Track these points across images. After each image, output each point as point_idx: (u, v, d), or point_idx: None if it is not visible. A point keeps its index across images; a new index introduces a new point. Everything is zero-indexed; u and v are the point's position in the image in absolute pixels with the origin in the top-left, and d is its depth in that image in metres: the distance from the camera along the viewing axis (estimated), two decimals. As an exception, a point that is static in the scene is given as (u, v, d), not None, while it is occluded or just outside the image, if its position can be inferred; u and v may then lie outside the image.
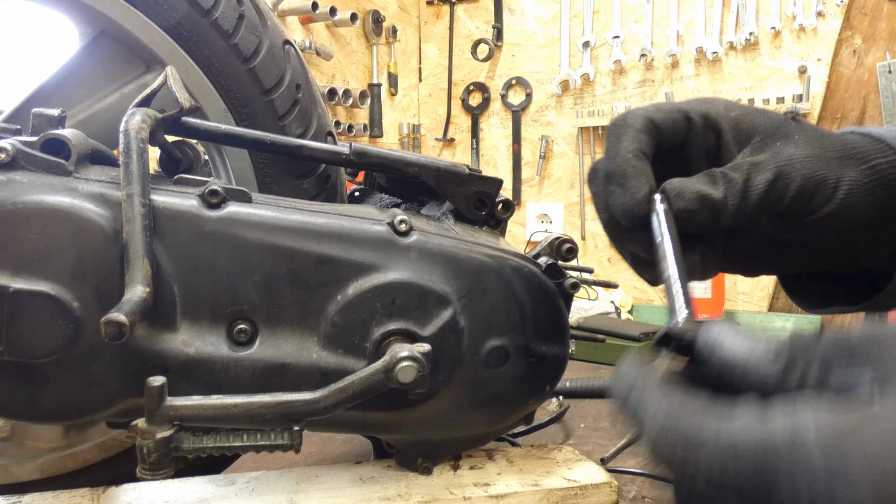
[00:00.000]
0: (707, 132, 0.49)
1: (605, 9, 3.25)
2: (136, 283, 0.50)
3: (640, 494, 0.84)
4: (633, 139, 0.47)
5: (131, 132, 0.54)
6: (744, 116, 0.50)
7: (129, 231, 0.52)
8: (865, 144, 0.49)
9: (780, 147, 0.48)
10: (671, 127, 0.48)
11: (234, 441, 0.54)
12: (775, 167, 0.46)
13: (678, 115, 0.48)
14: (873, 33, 2.71)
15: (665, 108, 0.48)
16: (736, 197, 0.46)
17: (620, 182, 0.46)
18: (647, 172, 0.46)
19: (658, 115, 0.48)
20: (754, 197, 0.46)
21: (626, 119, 0.48)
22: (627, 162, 0.46)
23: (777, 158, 0.47)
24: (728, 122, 0.49)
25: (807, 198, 0.46)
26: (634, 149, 0.46)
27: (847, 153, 0.48)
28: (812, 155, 0.47)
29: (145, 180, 0.53)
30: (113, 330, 0.46)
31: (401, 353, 0.55)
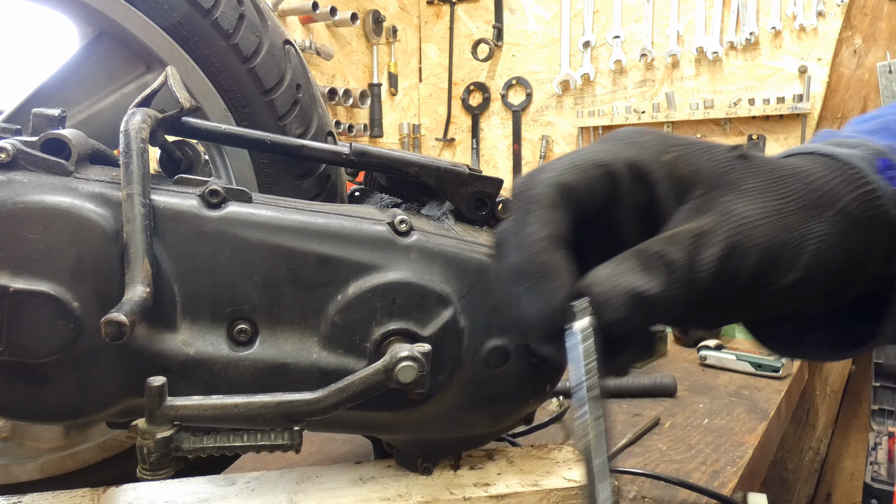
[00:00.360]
0: (637, 187, 0.39)
1: (605, 9, 3.25)
2: (137, 283, 0.50)
3: (640, 494, 0.84)
4: (544, 221, 0.36)
5: (131, 132, 0.54)
6: (680, 160, 0.39)
7: (130, 231, 0.52)
8: (829, 177, 0.41)
9: (729, 204, 0.38)
10: (590, 191, 0.38)
11: (234, 441, 0.54)
12: (726, 238, 0.37)
13: (597, 171, 0.38)
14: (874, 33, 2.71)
15: (581, 165, 0.38)
16: (679, 287, 0.36)
17: (529, 285, 0.36)
18: (562, 269, 0.36)
19: (573, 178, 0.37)
20: (702, 283, 0.36)
21: (531, 189, 0.37)
22: (537, 257, 0.36)
23: (727, 224, 0.37)
24: (662, 169, 0.39)
25: (766, 270, 0.38)
26: (545, 235, 0.36)
27: (811, 199, 0.39)
28: (770, 213, 0.38)
29: (145, 180, 0.53)
30: (113, 330, 0.46)
31: (401, 353, 0.55)
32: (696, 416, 1.20)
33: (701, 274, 0.36)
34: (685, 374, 1.49)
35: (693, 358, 1.63)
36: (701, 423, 1.16)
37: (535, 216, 0.36)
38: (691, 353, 1.68)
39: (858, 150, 0.43)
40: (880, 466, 1.87)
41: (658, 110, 3.13)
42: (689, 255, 0.36)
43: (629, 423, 1.14)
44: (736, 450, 1.03)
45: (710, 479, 0.91)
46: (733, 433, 1.11)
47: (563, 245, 0.36)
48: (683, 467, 0.95)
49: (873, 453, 1.94)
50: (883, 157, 0.42)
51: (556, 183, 0.37)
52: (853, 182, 0.41)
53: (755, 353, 1.55)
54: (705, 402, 1.28)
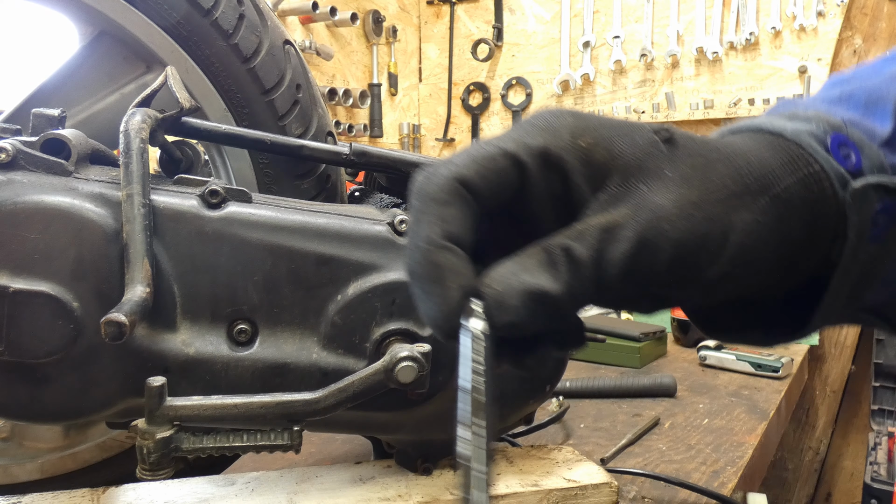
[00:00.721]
0: (549, 175, 0.35)
1: (605, 9, 3.25)
2: (137, 283, 0.50)
3: (640, 494, 0.84)
4: (436, 220, 0.33)
5: (131, 132, 0.54)
6: (597, 146, 0.36)
7: (130, 231, 0.52)
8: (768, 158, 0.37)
9: (645, 194, 0.35)
10: (493, 184, 0.34)
11: (234, 441, 0.54)
12: (636, 233, 0.34)
13: (503, 162, 0.34)
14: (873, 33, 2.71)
15: (483, 156, 0.35)
16: (583, 285, 0.33)
17: (422, 287, 0.34)
18: (456, 269, 0.33)
19: (472, 171, 0.34)
20: (610, 280, 0.34)
21: (427, 185, 0.34)
22: (427, 258, 0.33)
23: (639, 217, 0.34)
24: (576, 156, 0.35)
25: (685, 265, 0.35)
26: (438, 234, 0.33)
27: (741, 186, 0.36)
28: (689, 203, 0.34)
29: (145, 180, 0.53)
30: (113, 330, 0.46)
31: (401, 353, 0.55)
32: (695, 416, 1.20)
33: (608, 271, 0.34)
34: (685, 374, 1.49)
35: (693, 358, 1.63)
36: (701, 423, 1.16)
37: (429, 215, 0.34)
38: (691, 353, 1.68)
39: (812, 124, 0.39)
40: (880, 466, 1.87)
41: (658, 110, 3.13)
42: (595, 250, 0.33)
43: (629, 423, 1.14)
44: (736, 450, 1.03)
45: (710, 479, 0.91)
46: (733, 433, 1.11)
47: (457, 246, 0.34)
48: (683, 467, 0.95)
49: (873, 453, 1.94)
50: (837, 132, 0.39)
51: (453, 178, 0.34)
52: (796, 162, 0.37)
53: (755, 353, 1.55)
54: (705, 402, 1.28)
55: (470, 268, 0.34)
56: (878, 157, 0.39)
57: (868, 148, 0.39)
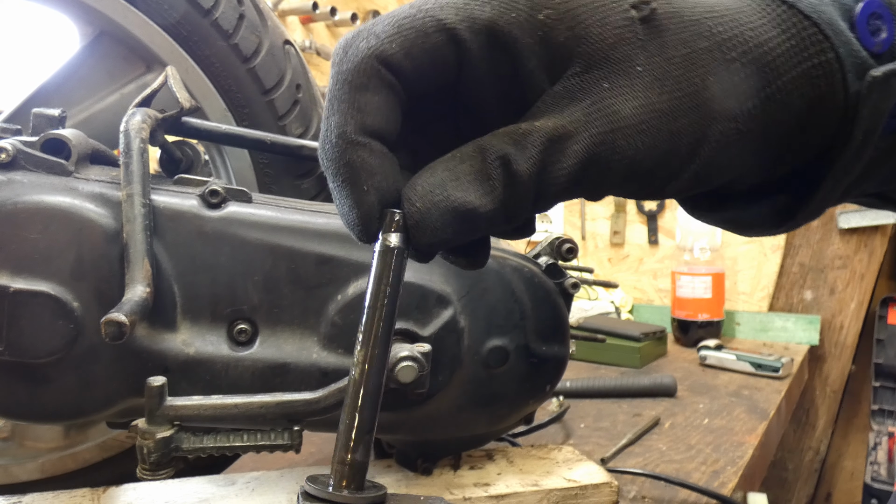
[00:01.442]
0: (496, 56, 0.28)
1: (605, 9, 3.25)
2: (137, 283, 0.50)
3: (640, 494, 0.84)
4: (351, 109, 0.28)
5: (131, 132, 0.54)
6: (560, 22, 0.28)
7: (130, 231, 0.52)
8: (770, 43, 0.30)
9: (605, 94, 0.28)
10: (424, 64, 0.28)
11: (234, 441, 0.54)
12: (586, 148, 0.28)
13: (437, 38, 0.27)
14: (873, 33, 2.70)
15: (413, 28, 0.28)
16: (517, 204, 0.29)
17: (336, 188, 0.29)
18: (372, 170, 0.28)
19: (397, 49, 0.27)
20: (548, 197, 0.29)
21: (343, 64, 0.28)
22: (336, 153, 0.28)
23: (592, 126, 0.28)
24: (530, 34, 0.28)
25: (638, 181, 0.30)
26: (353, 128, 0.28)
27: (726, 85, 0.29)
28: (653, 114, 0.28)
29: (145, 180, 0.53)
30: (113, 330, 0.46)
31: (401, 353, 0.55)
32: (696, 416, 1.20)
33: (549, 189, 0.29)
34: (685, 374, 1.49)
35: (693, 358, 1.63)
36: (701, 423, 1.16)
37: (343, 103, 0.28)
38: (691, 353, 1.68)
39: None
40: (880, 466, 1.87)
41: (658, 110, 3.13)
42: (537, 164, 0.28)
43: (629, 423, 1.14)
44: (736, 450, 1.03)
45: (710, 479, 0.91)
46: (733, 433, 1.11)
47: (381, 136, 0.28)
48: (683, 467, 0.95)
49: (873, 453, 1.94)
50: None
51: (374, 56, 0.27)
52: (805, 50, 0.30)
53: (755, 353, 1.55)
54: (705, 402, 1.28)
55: (391, 167, 0.29)
56: None
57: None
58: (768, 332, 1.95)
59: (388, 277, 0.30)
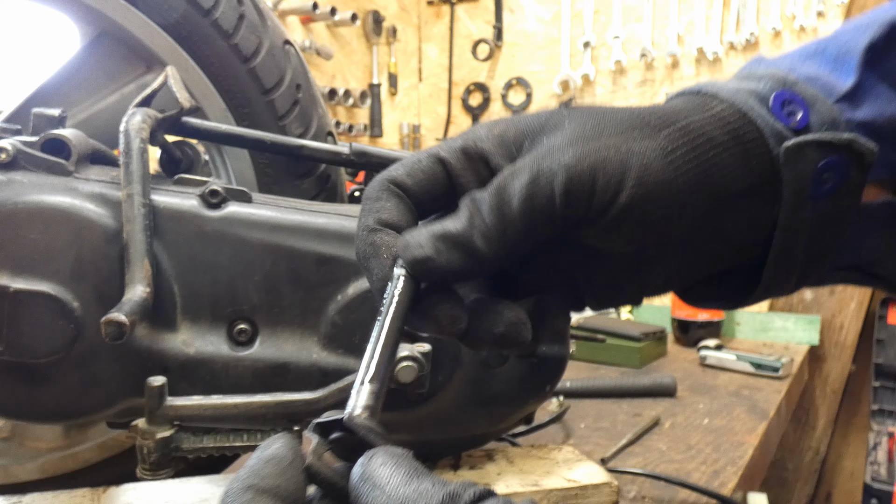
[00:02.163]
0: (473, 164, 0.39)
1: (605, 9, 3.25)
2: (137, 283, 0.50)
3: (640, 494, 0.84)
4: (371, 211, 0.38)
5: (131, 132, 0.54)
6: (509, 127, 0.39)
7: (130, 231, 0.52)
8: (680, 105, 0.38)
9: (544, 141, 0.37)
10: (421, 180, 0.38)
11: (234, 441, 0.54)
12: (531, 167, 0.36)
13: (427, 162, 0.39)
14: (873, 33, 2.70)
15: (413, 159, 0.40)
16: (487, 219, 0.35)
17: (364, 264, 0.38)
18: (388, 244, 0.37)
19: (401, 172, 0.39)
20: (512, 212, 0.35)
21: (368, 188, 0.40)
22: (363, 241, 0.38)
23: (534, 156, 0.36)
24: (492, 142, 0.39)
25: (582, 192, 0.35)
26: (371, 223, 0.38)
27: (639, 121, 0.37)
28: (580, 136, 0.36)
29: (145, 180, 0.53)
30: (113, 330, 0.46)
31: (401, 353, 0.55)
32: (696, 416, 1.20)
33: (509, 204, 0.35)
34: (685, 374, 1.49)
35: (693, 358, 1.63)
36: (701, 423, 1.16)
37: (366, 210, 0.39)
38: (691, 353, 1.68)
39: (760, 82, 0.39)
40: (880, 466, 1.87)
41: (658, 110, 3.13)
42: (496, 189, 0.36)
43: (629, 423, 1.14)
44: (736, 450, 1.03)
45: (710, 479, 0.91)
46: (733, 433, 1.11)
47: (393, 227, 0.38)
48: (683, 467, 0.95)
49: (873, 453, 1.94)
50: (784, 89, 0.38)
51: (382, 179, 0.39)
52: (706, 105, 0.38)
53: (755, 353, 1.55)
54: (705, 402, 1.28)
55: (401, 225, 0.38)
56: (831, 114, 0.38)
57: (821, 104, 0.38)
58: (768, 332, 1.95)
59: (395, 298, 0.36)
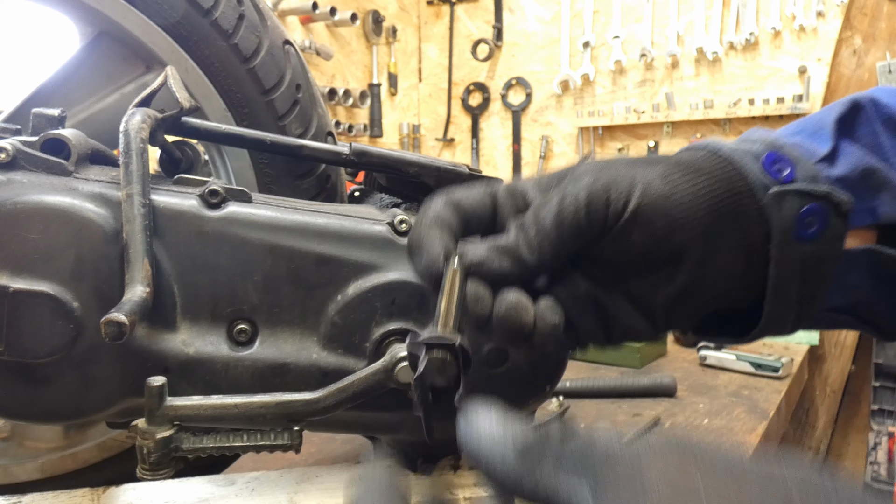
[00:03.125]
0: (514, 199, 0.48)
1: (605, 9, 3.25)
2: (136, 283, 0.50)
3: (640, 494, 0.84)
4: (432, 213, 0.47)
5: (131, 132, 0.54)
6: (542, 176, 0.49)
7: (130, 231, 0.52)
8: (678, 154, 0.48)
9: (568, 177, 0.47)
10: (472, 199, 0.48)
11: (234, 441, 0.54)
12: (560, 192, 0.45)
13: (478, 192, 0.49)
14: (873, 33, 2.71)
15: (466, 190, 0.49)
16: (528, 229, 0.45)
17: (416, 248, 0.46)
18: (442, 236, 0.45)
19: (459, 195, 0.48)
20: (547, 226, 0.44)
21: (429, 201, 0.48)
22: (423, 230, 0.46)
23: (561, 186, 0.46)
24: (530, 183, 0.49)
25: (600, 203, 0.44)
26: (432, 218, 0.46)
27: (642, 160, 0.47)
28: (594, 168, 0.46)
29: (145, 180, 0.53)
30: (113, 330, 0.46)
31: (401, 353, 0.55)
32: (696, 416, 1.20)
33: (545, 221, 0.45)
34: (685, 374, 1.49)
35: (693, 358, 1.63)
36: (701, 423, 1.16)
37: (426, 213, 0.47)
38: (691, 353, 1.68)
39: (756, 144, 0.47)
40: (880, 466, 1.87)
41: (658, 110, 3.13)
42: (535, 211, 0.46)
43: (629, 423, 1.14)
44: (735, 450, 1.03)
45: (710, 479, 0.91)
46: (733, 433, 1.11)
47: (446, 226, 0.46)
48: (683, 467, 0.95)
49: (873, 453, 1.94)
50: (774, 150, 0.47)
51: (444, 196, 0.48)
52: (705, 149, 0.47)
53: (755, 354, 1.55)
54: (705, 402, 1.28)
55: (451, 240, 0.46)
56: (813, 171, 0.46)
57: (804, 163, 0.46)
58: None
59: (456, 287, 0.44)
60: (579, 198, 0.44)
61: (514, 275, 0.45)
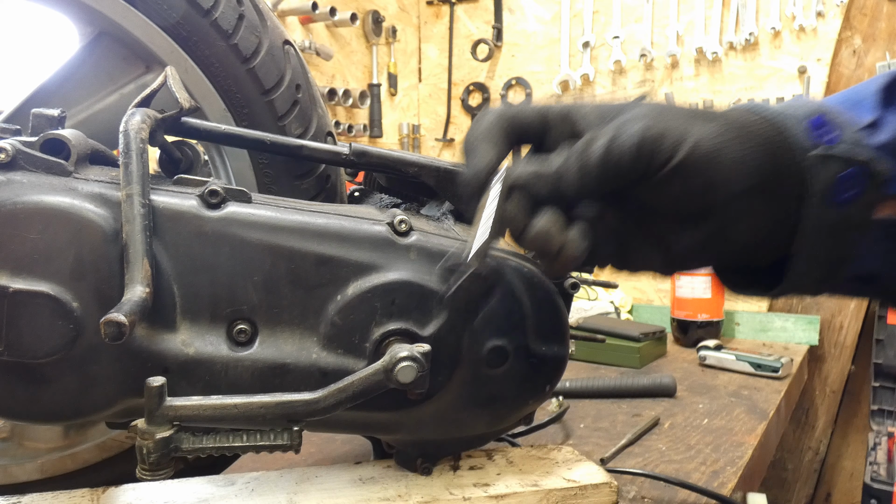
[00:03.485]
0: (565, 122, 0.51)
1: (605, 9, 3.25)
2: (136, 283, 0.50)
3: (639, 494, 0.84)
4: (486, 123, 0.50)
5: (131, 132, 0.54)
6: (603, 104, 0.51)
7: (129, 231, 0.52)
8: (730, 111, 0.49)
9: (626, 115, 0.48)
10: (527, 116, 0.51)
11: (234, 441, 0.54)
12: (614, 129, 0.47)
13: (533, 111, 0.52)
14: (873, 33, 2.71)
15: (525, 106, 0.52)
16: (574, 161, 0.47)
17: (467, 156, 0.50)
18: (499, 144, 0.49)
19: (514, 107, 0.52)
20: (592, 162, 0.47)
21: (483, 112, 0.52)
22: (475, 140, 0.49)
23: (617, 123, 0.47)
24: (591, 109, 0.51)
25: (648, 150, 0.46)
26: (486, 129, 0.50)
27: (700, 113, 0.48)
28: (651, 112, 0.47)
29: (145, 180, 0.53)
30: (112, 330, 0.46)
31: (400, 354, 0.55)
32: (695, 416, 1.20)
33: (592, 157, 0.47)
34: (685, 374, 1.49)
35: (693, 358, 1.63)
36: (700, 424, 1.16)
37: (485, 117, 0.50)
38: (691, 354, 1.68)
39: (801, 109, 0.49)
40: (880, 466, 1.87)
41: (658, 110, 3.13)
42: (584, 142, 0.48)
43: (629, 423, 1.14)
44: (735, 450, 1.03)
45: (710, 480, 0.91)
46: (733, 433, 1.11)
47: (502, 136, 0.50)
48: (683, 467, 0.95)
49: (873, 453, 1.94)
50: (820, 114, 0.48)
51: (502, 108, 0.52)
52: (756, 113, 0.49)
53: (755, 354, 1.55)
54: (705, 403, 1.28)
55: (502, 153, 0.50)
56: (856, 137, 0.47)
57: (848, 129, 0.47)
58: (768, 333, 1.95)
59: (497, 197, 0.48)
60: (630, 143, 0.46)
61: (552, 201, 0.48)
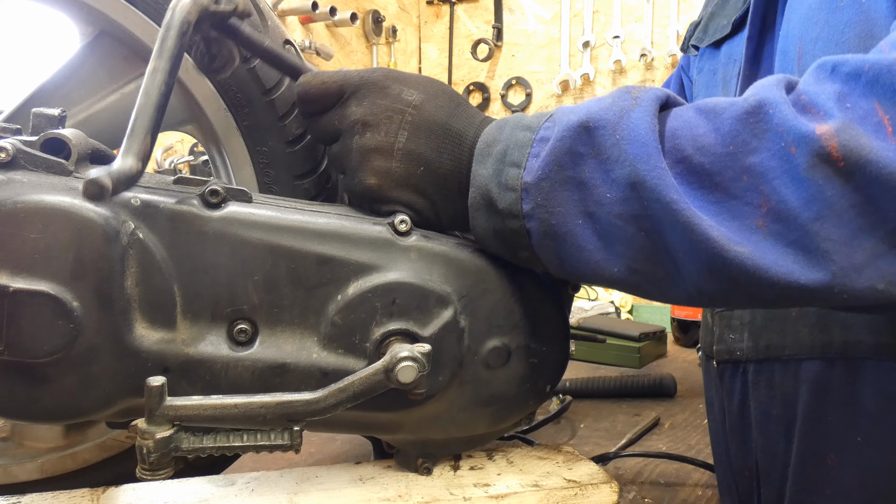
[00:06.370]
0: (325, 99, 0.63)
1: (605, 9, 3.25)
2: (132, 154, 0.51)
3: (639, 495, 0.84)
4: None
5: (178, 11, 0.54)
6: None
7: (142, 104, 0.52)
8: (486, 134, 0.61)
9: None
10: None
11: (234, 441, 0.54)
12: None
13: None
14: (873, 33, 2.70)
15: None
16: None
17: None
18: None
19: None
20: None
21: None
22: None
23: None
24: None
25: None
26: None
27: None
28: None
29: (175, 62, 0.53)
30: (94, 189, 0.48)
31: (401, 354, 0.55)
32: (695, 416, 1.20)
33: None
34: (685, 374, 1.49)
35: (693, 358, 1.63)
36: (701, 423, 1.16)
37: None
38: (691, 353, 1.68)
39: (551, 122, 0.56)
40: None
41: (658, 110, 3.13)
42: None
43: (629, 423, 1.14)
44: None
45: (710, 479, 0.91)
46: (733, 433, 1.11)
47: None
48: (683, 467, 0.95)
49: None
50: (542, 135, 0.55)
51: None
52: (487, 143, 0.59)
53: (755, 354, 1.54)
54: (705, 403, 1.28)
55: None
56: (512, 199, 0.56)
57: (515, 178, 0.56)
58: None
59: None
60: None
61: None
